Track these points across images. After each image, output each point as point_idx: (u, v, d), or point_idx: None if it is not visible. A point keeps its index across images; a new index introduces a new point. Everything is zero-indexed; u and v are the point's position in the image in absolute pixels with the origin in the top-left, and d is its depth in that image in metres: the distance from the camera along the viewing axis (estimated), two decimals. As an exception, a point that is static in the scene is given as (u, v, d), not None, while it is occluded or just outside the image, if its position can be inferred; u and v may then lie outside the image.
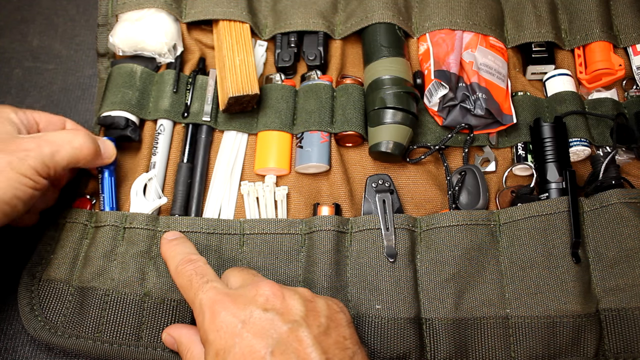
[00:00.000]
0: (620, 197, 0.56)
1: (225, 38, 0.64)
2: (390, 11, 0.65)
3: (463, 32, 0.65)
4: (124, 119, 0.61)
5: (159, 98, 0.63)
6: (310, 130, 0.62)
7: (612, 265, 0.55)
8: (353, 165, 0.63)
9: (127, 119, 0.61)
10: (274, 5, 0.69)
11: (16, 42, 0.74)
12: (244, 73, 0.61)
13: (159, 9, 0.65)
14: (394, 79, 0.62)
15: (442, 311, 0.54)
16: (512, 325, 0.54)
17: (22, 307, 0.54)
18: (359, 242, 0.56)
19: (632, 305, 0.53)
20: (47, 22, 0.76)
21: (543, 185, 0.59)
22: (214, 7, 0.66)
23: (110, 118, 0.61)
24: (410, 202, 0.61)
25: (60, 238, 0.57)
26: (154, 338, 0.53)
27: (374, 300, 0.54)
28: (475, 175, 0.60)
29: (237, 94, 0.60)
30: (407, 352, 0.53)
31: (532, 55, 0.67)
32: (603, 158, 0.60)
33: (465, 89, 0.62)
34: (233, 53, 0.62)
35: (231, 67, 0.61)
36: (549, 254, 0.55)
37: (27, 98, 0.71)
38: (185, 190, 0.60)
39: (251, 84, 0.60)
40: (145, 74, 0.64)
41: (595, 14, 0.67)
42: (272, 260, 0.56)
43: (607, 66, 0.65)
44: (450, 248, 0.56)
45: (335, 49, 0.68)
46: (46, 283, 0.55)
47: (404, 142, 0.60)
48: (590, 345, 0.53)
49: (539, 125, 0.61)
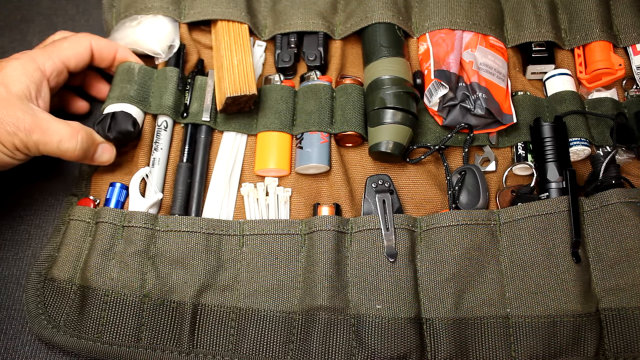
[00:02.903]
0: (621, 196, 0.56)
1: (223, 38, 0.64)
2: (390, 11, 0.65)
3: (463, 31, 0.65)
4: (123, 113, 0.61)
5: (162, 94, 0.63)
6: (310, 130, 0.62)
7: (612, 265, 0.55)
8: (353, 166, 0.63)
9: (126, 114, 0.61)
10: (274, 6, 0.69)
11: (16, 42, 0.74)
12: (242, 73, 0.61)
13: (155, 14, 0.66)
14: (393, 79, 0.61)
15: (443, 311, 0.54)
16: (513, 325, 0.54)
17: (28, 305, 0.54)
18: (359, 242, 0.56)
19: (632, 305, 0.53)
20: (47, 22, 0.76)
21: (543, 185, 0.59)
22: (213, 7, 0.66)
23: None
24: (410, 202, 0.61)
25: (65, 236, 0.57)
26: (154, 339, 0.54)
27: (375, 300, 0.54)
28: (475, 175, 0.60)
29: (235, 94, 0.60)
30: (408, 352, 0.53)
31: (532, 55, 0.67)
32: (603, 158, 0.60)
33: (465, 88, 0.62)
34: (231, 53, 0.62)
35: (229, 67, 0.61)
36: (549, 253, 0.55)
37: (27, 98, 0.71)
38: (185, 190, 0.61)
39: (249, 84, 0.60)
40: (143, 70, 0.64)
41: (595, 14, 0.67)
42: (272, 261, 0.56)
43: (607, 66, 0.65)
44: (450, 248, 0.56)
45: (335, 49, 0.68)
46: (50, 282, 0.55)
47: (403, 142, 0.60)
48: (590, 345, 0.53)
49: (539, 125, 0.61)
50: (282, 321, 0.54)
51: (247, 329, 0.54)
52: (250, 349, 0.54)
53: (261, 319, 0.54)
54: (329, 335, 0.53)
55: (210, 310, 0.55)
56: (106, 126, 0.59)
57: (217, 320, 0.54)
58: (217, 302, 0.55)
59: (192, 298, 0.55)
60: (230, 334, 0.54)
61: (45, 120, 0.53)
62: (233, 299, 0.55)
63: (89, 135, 0.57)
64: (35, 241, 0.61)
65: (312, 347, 0.53)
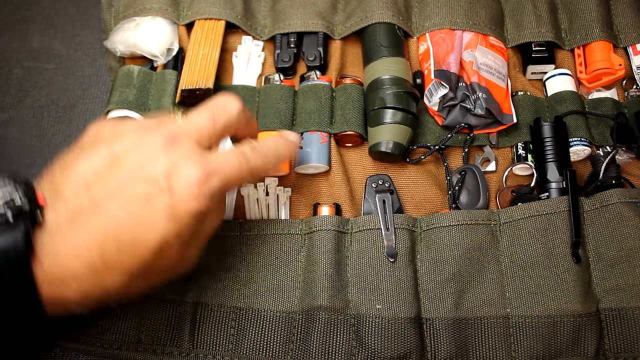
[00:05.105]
0: (621, 196, 0.56)
1: (196, 32, 0.65)
2: (390, 11, 0.65)
3: (463, 31, 0.65)
4: None
5: (161, 97, 0.63)
6: (310, 130, 0.62)
7: (613, 265, 0.55)
8: (353, 165, 0.63)
9: None
10: (273, 6, 0.69)
11: (16, 41, 0.74)
12: (203, 67, 0.61)
13: (154, 16, 0.66)
14: (393, 79, 0.61)
15: (443, 311, 0.54)
16: (513, 325, 0.54)
17: None
18: (359, 242, 0.56)
19: (632, 305, 0.53)
20: (47, 22, 0.76)
21: (543, 185, 0.59)
22: (210, 7, 0.66)
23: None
24: (410, 202, 0.61)
25: None
26: (153, 340, 0.53)
27: (375, 300, 0.54)
28: (475, 175, 0.60)
29: (190, 86, 0.60)
30: (408, 352, 0.53)
31: (532, 55, 0.67)
32: (603, 158, 0.60)
33: (465, 88, 0.62)
34: (199, 47, 0.63)
35: (192, 60, 0.62)
36: (549, 253, 0.55)
37: (27, 98, 0.71)
38: (185, 190, 0.60)
39: (206, 78, 0.60)
40: (142, 73, 0.64)
41: (595, 14, 0.67)
42: (272, 261, 0.56)
43: (607, 66, 0.65)
44: (451, 248, 0.56)
45: (334, 49, 0.68)
46: None
47: (403, 142, 0.60)
48: (590, 345, 0.53)
49: (539, 125, 0.61)
50: (282, 321, 0.54)
51: (247, 329, 0.54)
52: (250, 348, 0.54)
53: (261, 319, 0.54)
54: (329, 335, 0.53)
55: (210, 310, 0.55)
56: None
57: (217, 320, 0.54)
58: (217, 302, 0.55)
59: (192, 298, 0.55)
60: (230, 334, 0.54)
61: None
62: (233, 299, 0.55)
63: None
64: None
65: (312, 347, 0.53)
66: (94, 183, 0.42)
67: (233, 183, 0.46)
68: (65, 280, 0.40)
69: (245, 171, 0.46)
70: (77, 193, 0.42)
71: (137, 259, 0.42)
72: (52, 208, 0.42)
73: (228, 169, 0.45)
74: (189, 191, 0.42)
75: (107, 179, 0.42)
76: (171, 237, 0.42)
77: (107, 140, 0.45)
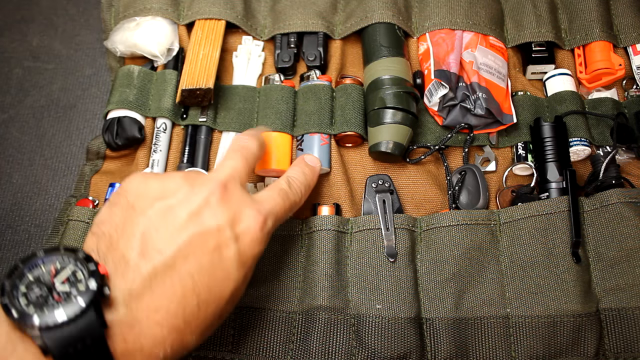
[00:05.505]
0: (621, 196, 0.56)
1: (196, 32, 0.65)
2: (390, 11, 0.65)
3: (463, 31, 0.65)
4: (129, 119, 0.61)
5: (161, 97, 0.63)
6: (310, 132, 0.62)
7: (612, 265, 0.55)
8: (353, 166, 0.63)
9: (131, 119, 0.61)
10: (273, 6, 0.69)
11: (16, 41, 0.74)
12: (203, 67, 0.62)
13: (154, 16, 0.66)
14: (393, 79, 0.61)
15: (443, 311, 0.54)
16: (513, 325, 0.54)
17: None
18: (359, 242, 0.56)
19: (632, 305, 0.53)
20: (47, 22, 0.76)
21: (543, 185, 0.59)
22: (210, 7, 0.66)
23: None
24: (410, 202, 0.61)
25: (63, 237, 0.57)
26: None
27: (375, 300, 0.54)
28: (475, 175, 0.60)
29: (190, 86, 0.60)
30: (408, 352, 0.53)
31: (532, 55, 0.67)
32: (603, 158, 0.60)
33: (465, 88, 0.62)
34: (199, 47, 0.63)
35: (193, 60, 0.62)
36: (549, 253, 0.55)
37: (27, 98, 0.71)
38: (185, 190, 0.60)
39: (207, 78, 0.61)
40: (142, 73, 0.64)
41: (595, 14, 0.67)
42: (272, 261, 0.56)
43: (607, 66, 0.65)
44: (451, 248, 0.56)
45: (335, 49, 0.68)
46: None
47: (403, 142, 0.60)
48: (590, 345, 0.53)
49: (539, 125, 0.61)
50: (282, 321, 0.54)
51: (247, 329, 0.54)
52: (250, 348, 0.54)
53: (261, 319, 0.54)
54: (329, 335, 0.53)
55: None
56: (114, 133, 0.59)
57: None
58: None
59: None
60: (230, 334, 0.54)
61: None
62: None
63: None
64: (35, 241, 0.61)
65: (312, 347, 0.53)
66: (158, 241, 0.41)
67: (281, 221, 0.48)
68: (145, 348, 0.39)
69: (288, 208, 0.49)
70: (144, 255, 0.40)
71: (216, 312, 0.42)
72: (122, 276, 0.39)
73: (278, 209, 0.48)
74: (254, 236, 0.44)
75: (171, 235, 0.41)
76: (241, 283, 0.44)
77: (159, 196, 0.43)
